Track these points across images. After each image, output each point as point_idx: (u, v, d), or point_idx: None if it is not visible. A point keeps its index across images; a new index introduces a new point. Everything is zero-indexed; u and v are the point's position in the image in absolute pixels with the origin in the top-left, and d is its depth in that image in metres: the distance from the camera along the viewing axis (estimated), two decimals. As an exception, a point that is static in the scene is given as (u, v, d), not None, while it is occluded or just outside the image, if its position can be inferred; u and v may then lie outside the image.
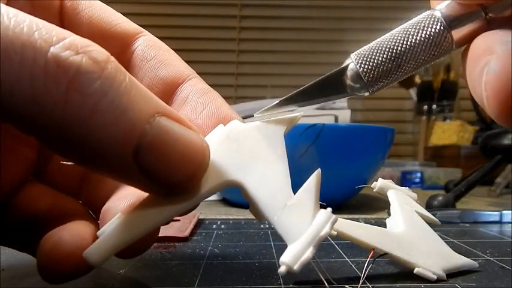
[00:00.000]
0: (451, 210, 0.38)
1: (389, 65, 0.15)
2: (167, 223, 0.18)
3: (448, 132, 0.91)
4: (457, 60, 1.01)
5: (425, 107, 1.01)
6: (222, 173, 0.14)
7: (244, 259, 0.23)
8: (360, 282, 0.18)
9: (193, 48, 1.14)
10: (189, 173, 0.13)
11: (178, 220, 0.33)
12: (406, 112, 1.17)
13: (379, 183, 0.24)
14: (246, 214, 0.42)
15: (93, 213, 0.19)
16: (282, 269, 0.13)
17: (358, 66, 0.15)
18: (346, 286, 0.18)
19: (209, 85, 0.20)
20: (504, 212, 0.36)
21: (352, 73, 0.15)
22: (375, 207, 0.47)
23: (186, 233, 0.29)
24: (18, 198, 0.17)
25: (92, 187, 0.19)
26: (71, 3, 0.18)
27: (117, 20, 0.19)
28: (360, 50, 0.15)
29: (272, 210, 0.14)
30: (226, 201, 0.52)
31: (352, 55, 0.15)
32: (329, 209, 0.14)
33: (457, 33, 0.14)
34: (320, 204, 0.15)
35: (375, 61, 0.15)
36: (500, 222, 0.36)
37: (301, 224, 0.14)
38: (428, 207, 0.43)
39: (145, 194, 0.15)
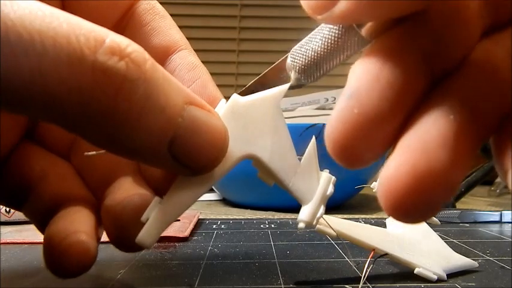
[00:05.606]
0: (451, 210, 0.38)
1: (312, 65, 0.16)
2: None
3: (448, 132, 0.91)
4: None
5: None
6: (237, 149, 0.16)
7: (244, 259, 0.23)
8: (361, 283, 0.18)
9: (193, 48, 1.14)
10: (214, 156, 0.14)
11: (178, 220, 0.33)
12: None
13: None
14: (246, 214, 0.42)
15: (82, 175, 0.19)
16: (302, 225, 0.16)
17: (291, 62, 0.17)
18: (346, 286, 0.18)
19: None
20: (504, 212, 0.36)
21: (288, 66, 0.17)
22: (375, 207, 0.47)
23: (186, 233, 0.29)
24: (12, 160, 0.18)
25: (81, 151, 0.19)
26: None
27: None
28: (296, 46, 0.17)
29: (287, 178, 0.16)
30: (226, 201, 0.52)
31: (292, 50, 0.17)
32: (326, 171, 0.17)
33: (365, 30, 0.14)
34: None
35: (301, 60, 0.16)
36: (500, 222, 0.36)
37: (311, 186, 0.17)
38: (428, 207, 0.43)
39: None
